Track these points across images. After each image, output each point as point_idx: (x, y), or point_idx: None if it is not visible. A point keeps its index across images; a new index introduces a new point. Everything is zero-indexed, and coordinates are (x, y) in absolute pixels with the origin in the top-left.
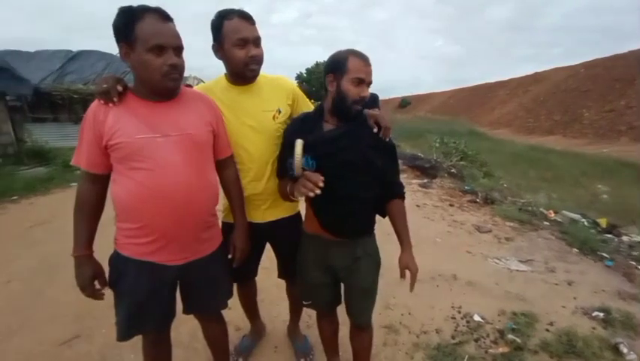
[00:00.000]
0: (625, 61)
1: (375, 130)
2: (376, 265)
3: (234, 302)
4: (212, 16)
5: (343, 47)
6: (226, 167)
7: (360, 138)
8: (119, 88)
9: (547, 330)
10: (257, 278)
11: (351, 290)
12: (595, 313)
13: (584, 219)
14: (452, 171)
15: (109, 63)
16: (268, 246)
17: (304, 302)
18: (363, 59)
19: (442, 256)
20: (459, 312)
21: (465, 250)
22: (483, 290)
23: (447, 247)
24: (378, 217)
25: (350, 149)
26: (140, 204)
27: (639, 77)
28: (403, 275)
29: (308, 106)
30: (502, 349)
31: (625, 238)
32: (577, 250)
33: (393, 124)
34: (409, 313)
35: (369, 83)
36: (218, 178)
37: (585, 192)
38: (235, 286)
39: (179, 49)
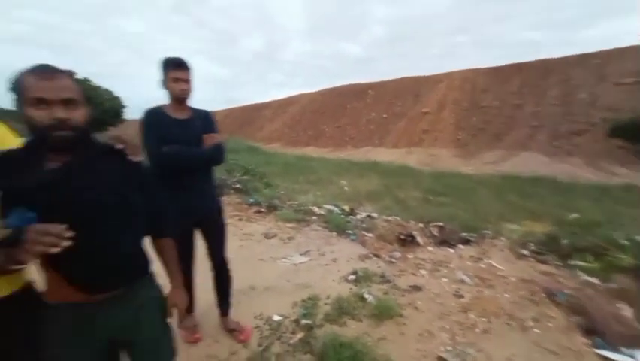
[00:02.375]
0: (339, 92)
1: (120, 147)
2: (163, 306)
3: None
4: None
5: (86, 55)
6: None
7: (102, 172)
8: None
9: (326, 303)
10: None
11: (140, 346)
12: (350, 277)
13: (336, 208)
14: (237, 186)
15: None
16: None
17: None
18: (41, 73)
19: (239, 272)
20: (261, 319)
21: (258, 258)
22: (278, 291)
23: (241, 261)
24: None
25: (90, 188)
26: None
27: (349, 103)
28: (170, 314)
29: (15, 141)
30: (299, 335)
31: (358, 216)
32: (335, 233)
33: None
34: (216, 342)
35: (66, 100)
36: None
37: (336, 187)
38: None
39: None
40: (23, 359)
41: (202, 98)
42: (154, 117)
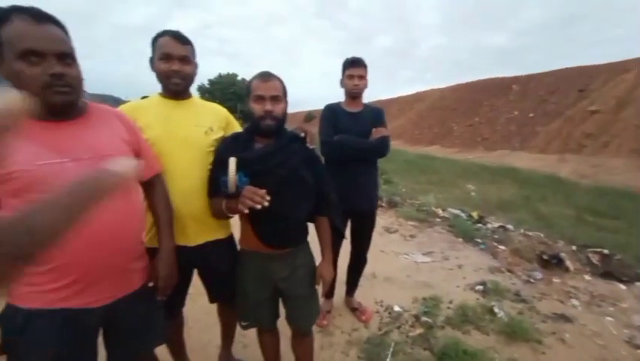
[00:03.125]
0: (475, 87)
1: (302, 135)
2: (313, 271)
3: None
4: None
5: (247, 60)
6: (154, 186)
7: (290, 154)
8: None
9: (449, 307)
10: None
11: (293, 299)
12: (477, 287)
13: (462, 214)
14: None
15: None
16: None
17: (243, 323)
18: (262, 77)
19: None
20: (381, 306)
21: (379, 250)
22: (398, 283)
23: None
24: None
25: (281, 165)
26: None
27: (486, 100)
28: (318, 282)
29: (237, 127)
30: (419, 330)
31: (489, 226)
32: (461, 239)
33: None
34: (340, 315)
35: (273, 97)
36: (143, 200)
37: (461, 191)
38: None
39: (63, 55)
40: (227, 285)
41: (333, 94)
42: (330, 110)
